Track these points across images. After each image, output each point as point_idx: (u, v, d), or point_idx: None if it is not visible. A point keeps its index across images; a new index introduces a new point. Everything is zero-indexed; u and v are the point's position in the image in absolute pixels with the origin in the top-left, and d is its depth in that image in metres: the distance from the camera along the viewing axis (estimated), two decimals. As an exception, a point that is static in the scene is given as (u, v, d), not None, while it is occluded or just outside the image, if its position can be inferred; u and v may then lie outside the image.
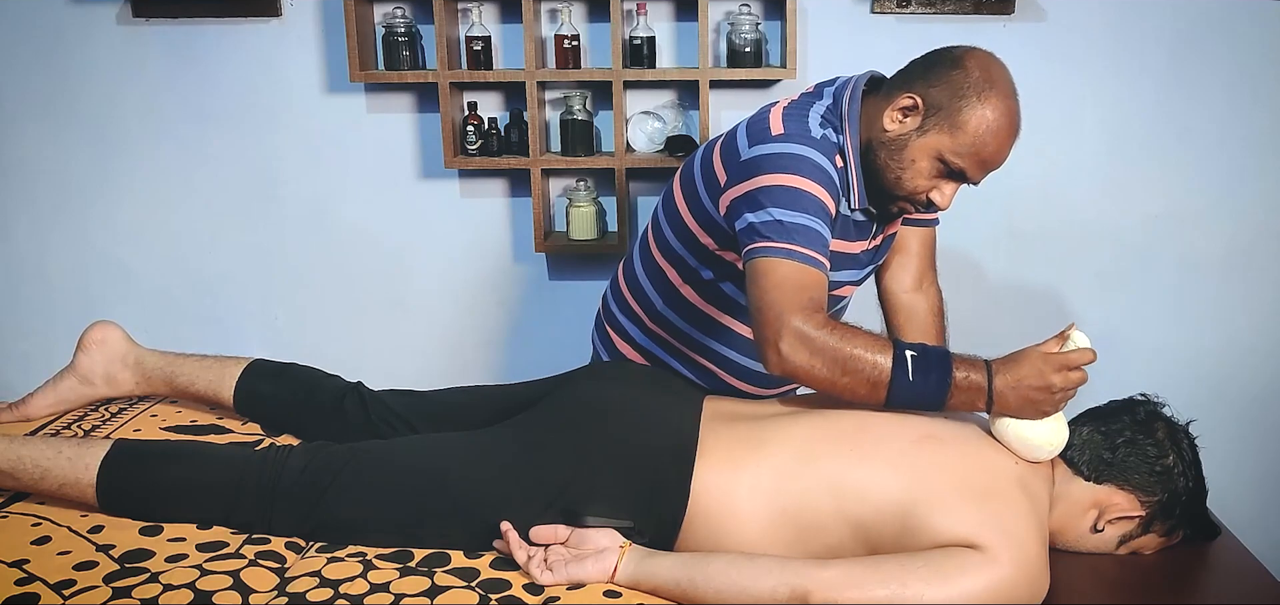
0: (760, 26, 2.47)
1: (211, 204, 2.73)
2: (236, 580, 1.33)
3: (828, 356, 1.37)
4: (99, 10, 2.59)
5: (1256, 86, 2.54)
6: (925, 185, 1.54)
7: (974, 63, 1.50)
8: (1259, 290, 2.68)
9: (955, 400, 1.39)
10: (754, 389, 1.79)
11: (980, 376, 1.38)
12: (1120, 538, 1.46)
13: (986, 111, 1.47)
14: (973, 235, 2.64)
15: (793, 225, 1.46)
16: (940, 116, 1.49)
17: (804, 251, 1.44)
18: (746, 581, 1.29)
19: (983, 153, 1.50)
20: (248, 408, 1.74)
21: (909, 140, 1.52)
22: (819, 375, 1.39)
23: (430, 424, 1.64)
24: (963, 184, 1.54)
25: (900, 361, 1.37)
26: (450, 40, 2.48)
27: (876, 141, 1.55)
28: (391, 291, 2.77)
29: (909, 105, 1.51)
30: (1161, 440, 1.45)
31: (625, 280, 1.86)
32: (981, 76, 1.48)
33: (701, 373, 1.79)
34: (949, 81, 1.49)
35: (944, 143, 1.50)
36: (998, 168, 1.54)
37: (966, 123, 1.48)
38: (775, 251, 1.44)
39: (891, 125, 1.53)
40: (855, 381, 1.38)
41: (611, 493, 1.41)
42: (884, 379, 1.37)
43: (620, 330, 1.86)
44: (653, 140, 2.54)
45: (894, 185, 1.56)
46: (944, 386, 1.38)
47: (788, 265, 1.44)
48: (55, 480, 1.46)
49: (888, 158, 1.54)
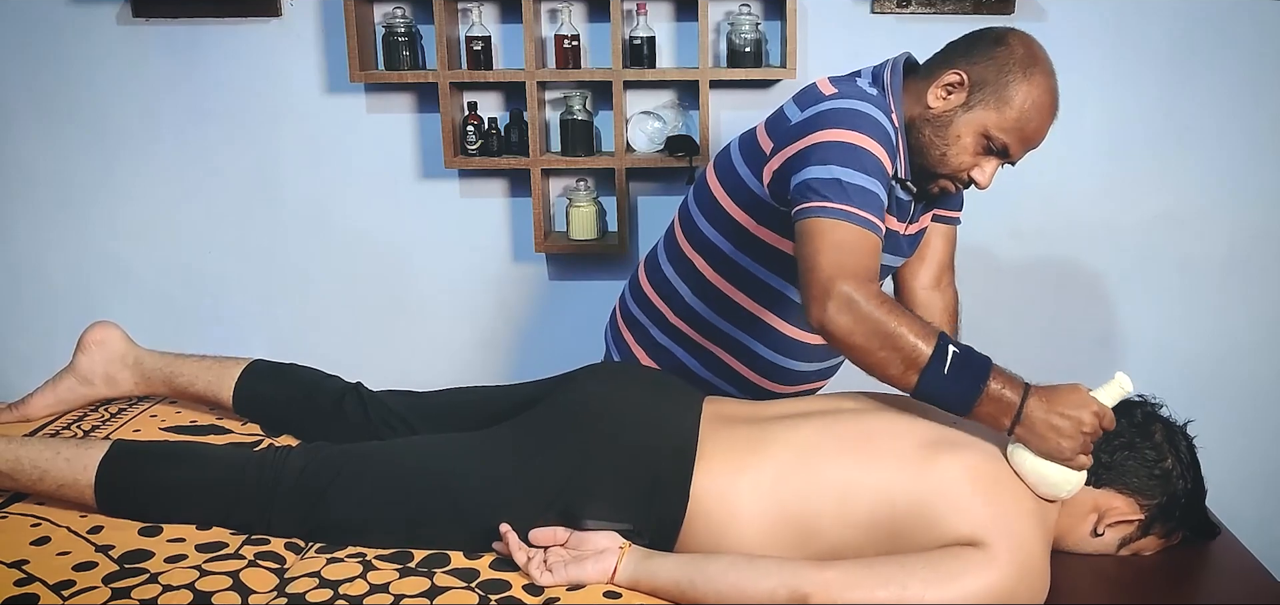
0: (760, 26, 2.47)
1: (211, 204, 2.73)
2: (236, 581, 1.33)
3: (870, 327, 1.33)
4: (99, 10, 2.59)
5: (1256, 86, 2.54)
6: (969, 162, 1.55)
7: (1017, 41, 1.53)
8: (1259, 290, 2.68)
9: (983, 408, 1.33)
10: (780, 387, 1.78)
11: (1014, 394, 1.32)
12: (1120, 541, 1.46)
13: (1032, 88, 1.50)
14: (973, 235, 2.63)
15: (852, 186, 1.42)
16: (986, 92, 1.51)
17: (861, 214, 1.41)
18: (746, 582, 1.29)
19: (1026, 128, 1.52)
20: (247, 408, 1.74)
21: (955, 116, 1.53)
22: (857, 343, 1.34)
23: (430, 424, 1.63)
24: (1003, 162, 1.56)
25: (940, 353, 1.33)
26: (450, 40, 2.48)
27: (920, 119, 1.56)
28: (391, 291, 2.77)
29: (955, 82, 1.53)
30: (1159, 443, 1.45)
31: (648, 276, 1.84)
32: (1026, 54, 1.51)
33: (724, 371, 1.77)
34: (994, 58, 1.51)
35: (990, 118, 1.51)
36: (1037, 146, 1.55)
37: (1012, 98, 1.50)
38: (832, 213, 1.40)
39: (936, 102, 1.54)
40: (891, 358, 1.33)
41: (611, 494, 1.41)
42: (919, 364, 1.32)
43: (637, 329, 1.85)
44: (653, 140, 2.54)
45: (939, 162, 1.56)
46: (976, 391, 1.32)
47: (845, 227, 1.39)
48: (54, 481, 1.46)
49: (933, 134, 1.55)
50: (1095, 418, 1.33)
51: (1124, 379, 1.36)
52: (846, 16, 2.51)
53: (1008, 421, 1.33)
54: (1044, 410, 1.32)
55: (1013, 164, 1.57)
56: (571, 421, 1.47)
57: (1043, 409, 1.32)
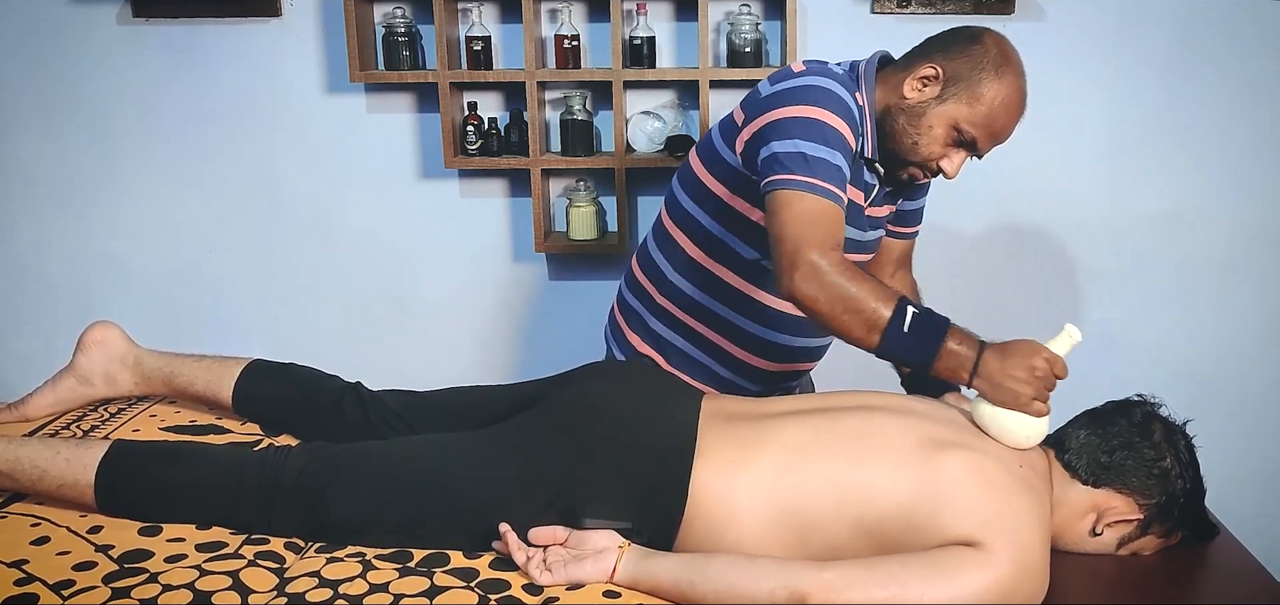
0: (760, 26, 2.47)
1: (211, 204, 2.73)
2: (236, 580, 1.33)
3: (834, 293, 1.43)
4: (99, 10, 2.59)
5: (1256, 86, 2.54)
6: (939, 152, 1.62)
7: (991, 41, 1.60)
8: (1259, 290, 2.67)
9: (942, 363, 1.43)
10: (773, 365, 1.81)
11: (971, 350, 1.43)
12: (1119, 540, 1.46)
13: (1002, 86, 1.57)
14: (973, 235, 2.64)
15: (815, 158, 1.50)
16: (959, 87, 1.58)
17: (824, 186, 1.49)
18: (745, 582, 1.29)
19: (994, 125, 1.59)
20: (247, 408, 1.74)
21: (928, 108, 1.60)
22: (822, 309, 1.44)
23: (429, 424, 1.63)
24: (970, 156, 1.63)
25: (900, 314, 1.42)
26: (450, 40, 2.48)
27: (895, 108, 1.63)
28: (391, 291, 2.77)
29: (930, 75, 1.60)
30: (1158, 442, 1.45)
31: (638, 260, 1.89)
32: (999, 54, 1.58)
33: (715, 351, 1.80)
34: (969, 55, 1.58)
35: (961, 112, 1.58)
36: (1003, 142, 1.63)
37: (983, 95, 1.57)
38: (797, 185, 1.49)
39: (912, 93, 1.61)
40: (854, 321, 1.43)
41: (610, 493, 1.41)
42: (881, 325, 1.42)
43: (633, 317, 1.87)
44: (653, 140, 2.54)
45: (910, 151, 1.63)
46: (935, 347, 1.43)
47: (809, 198, 1.48)
48: (54, 481, 1.46)
49: (906, 123, 1.61)
50: (1047, 363, 1.41)
51: (1073, 330, 1.44)
52: (846, 16, 2.51)
53: (966, 374, 1.43)
54: (999, 361, 1.42)
55: (979, 157, 1.64)
56: (571, 421, 1.47)
57: (997, 360, 1.42)
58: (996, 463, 1.38)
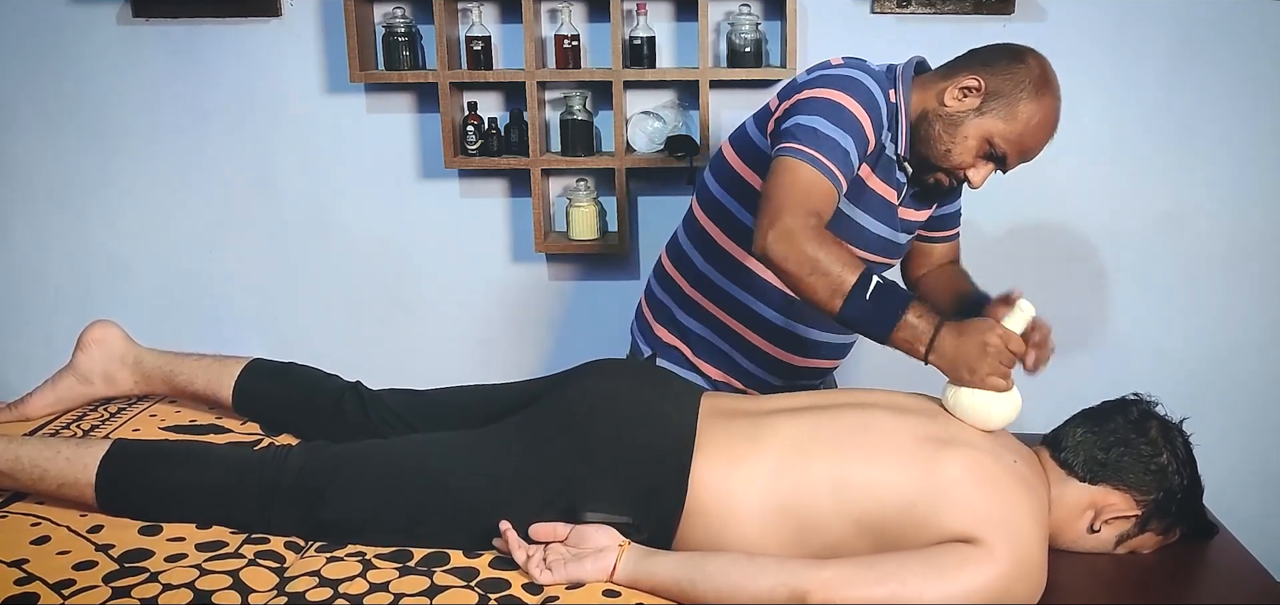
0: (760, 26, 2.47)
1: (211, 204, 2.73)
2: (236, 580, 1.33)
3: (801, 254, 1.45)
4: (99, 10, 2.59)
5: (1257, 86, 2.54)
6: (969, 162, 1.64)
7: (1034, 61, 1.62)
8: (1259, 290, 2.67)
9: (900, 335, 1.44)
10: (799, 359, 1.83)
11: (928, 326, 1.44)
12: (1117, 537, 1.46)
13: (1040, 108, 1.60)
14: (973, 235, 2.64)
15: (826, 136, 1.53)
16: (998, 103, 1.60)
17: (825, 163, 1.51)
18: (745, 581, 1.29)
19: (1026, 144, 1.62)
20: (247, 407, 1.74)
21: (965, 118, 1.62)
22: (789, 268, 1.46)
23: (429, 423, 1.63)
24: (997, 169, 1.66)
25: (864, 282, 1.43)
26: (450, 40, 2.48)
27: (933, 114, 1.64)
28: (391, 291, 2.77)
29: (972, 86, 1.61)
30: (1155, 438, 1.45)
31: (668, 252, 1.92)
32: (1041, 75, 1.61)
33: (735, 339, 1.82)
34: (1011, 74, 1.60)
35: (997, 127, 1.60)
36: (1030, 161, 1.65)
37: (1020, 114, 1.59)
38: (799, 154, 1.51)
39: (952, 101, 1.63)
40: (819, 283, 1.44)
41: (610, 490, 1.41)
42: (844, 290, 1.43)
43: (658, 307, 1.90)
44: (653, 140, 2.54)
45: (942, 157, 1.65)
46: (894, 318, 1.44)
47: (806, 169, 1.50)
48: (54, 480, 1.46)
49: (942, 129, 1.63)
50: (1001, 339, 1.43)
51: (1025, 304, 1.49)
52: (846, 16, 2.51)
53: (922, 348, 1.44)
54: (954, 338, 1.44)
55: (1005, 173, 1.66)
56: (570, 418, 1.47)
57: (953, 337, 1.44)
58: (995, 461, 1.38)
